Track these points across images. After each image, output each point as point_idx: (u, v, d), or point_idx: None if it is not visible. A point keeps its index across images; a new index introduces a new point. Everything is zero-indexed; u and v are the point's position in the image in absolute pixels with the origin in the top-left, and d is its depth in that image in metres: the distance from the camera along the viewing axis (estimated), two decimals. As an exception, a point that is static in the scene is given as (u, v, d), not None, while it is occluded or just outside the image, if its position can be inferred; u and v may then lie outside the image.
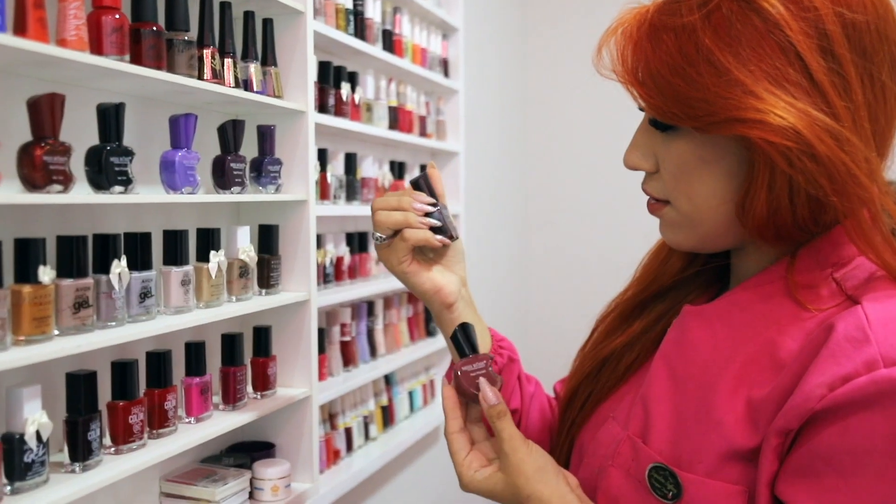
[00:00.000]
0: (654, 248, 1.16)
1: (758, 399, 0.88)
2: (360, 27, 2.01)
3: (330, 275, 1.91)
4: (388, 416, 2.24)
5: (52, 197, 1.03)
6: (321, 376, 1.85)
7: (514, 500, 1.00)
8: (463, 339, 1.04)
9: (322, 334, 1.88)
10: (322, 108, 1.82)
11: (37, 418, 1.04)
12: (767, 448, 0.85)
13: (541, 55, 3.79)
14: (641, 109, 0.97)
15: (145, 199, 1.20)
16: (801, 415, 0.82)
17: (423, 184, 1.14)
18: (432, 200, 1.13)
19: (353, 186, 2.00)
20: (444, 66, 2.59)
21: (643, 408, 1.00)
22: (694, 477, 0.90)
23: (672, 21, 0.87)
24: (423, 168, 2.40)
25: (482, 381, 1.01)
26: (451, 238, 1.12)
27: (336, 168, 1.95)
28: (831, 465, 0.81)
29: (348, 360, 2.00)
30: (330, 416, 1.95)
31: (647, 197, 1.00)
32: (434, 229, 1.11)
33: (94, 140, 1.16)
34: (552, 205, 3.89)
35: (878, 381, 0.78)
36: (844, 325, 0.83)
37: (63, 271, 1.10)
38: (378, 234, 1.13)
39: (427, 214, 1.12)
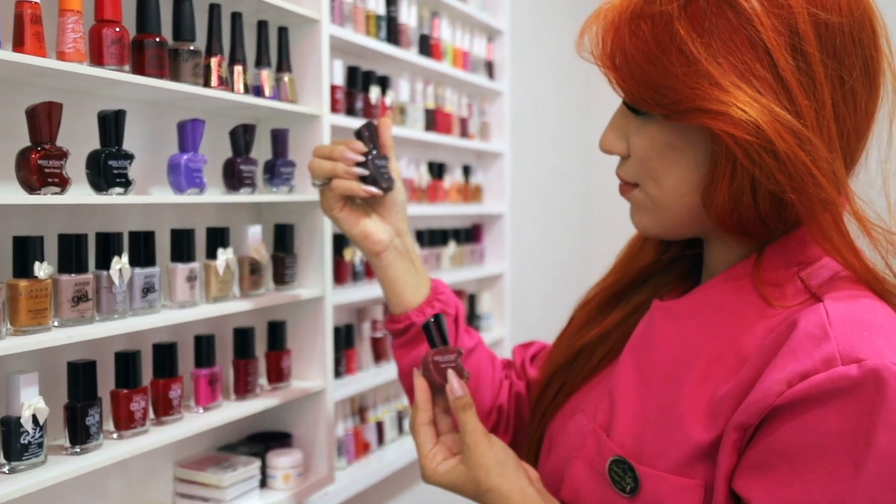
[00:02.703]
0: (632, 237, 1.18)
1: (719, 395, 0.89)
2: (393, 32, 2.06)
3: (360, 273, 1.97)
4: (424, 412, 2.29)
5: (47, 198, 1.11)
6: (349, 370, 1.92)
7: (475, 493, 1.03)
8: (435, 331, 1.09)
9: (350, 330, 1.95)
10: (350, 111, 1.88)
11: (33, 403, 1.12)
12: (727, 443, 0.86)
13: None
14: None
15: (138, 199, 1.27)
16: (760, 410, 0.83)
17: (364, 133, 1.21)
18: (363, 150, 1.20)
19: (385, 187, 2.06)
20: (489, 68, 2.63)
21: (609, 401, 1.02)
22: (652, 471, 0.92)
23: (651, 9, 0.89)
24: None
25: (450, 373, 1.05)
26: (382, 189, 1.18)
27: (367, 169, 2.01)
28: (786, 460, 0.82)
29: (380, 355, 2.06)
30: (360, 409, 2.01)
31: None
32: (365, 179, 1.18)
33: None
34: (617, 204, 3.86)
35: (834, 379, 0.80)
36: (806, 323, 0.84)
37: (64, 267, 1.18)
38: (313, 181, 1.25)
39: (360, 164, 1.19)
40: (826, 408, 0.80)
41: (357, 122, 1.86)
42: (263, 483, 1.56)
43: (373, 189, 1.19)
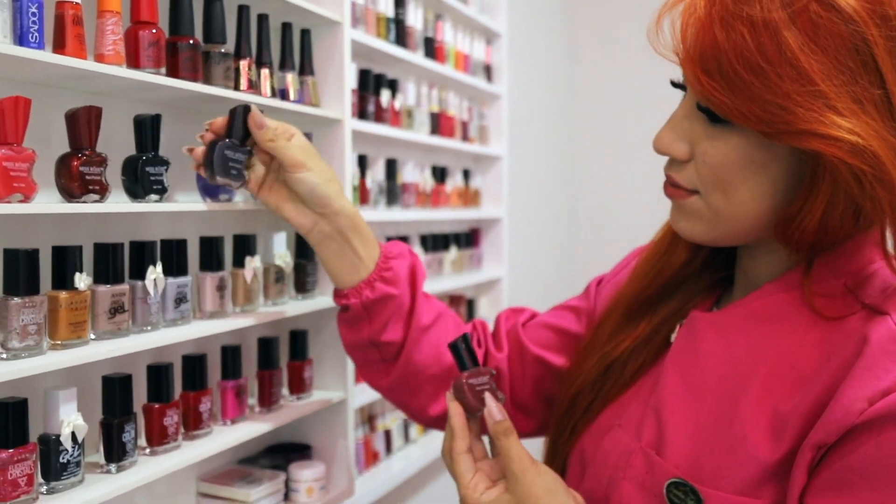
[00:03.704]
0: (653, 241, 1.13)
1: (784, 412, 0.86)
2: (401, 35, 2.03)
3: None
4: (428, 419, 2.26)
5: (88, 206, 1.06)
6: (358, 379, 1.88)
7: None
8: (465, 352, 1.03)
9: (361, 338, 1.91)
10: (362, 114, 1.85)
11: (72, 420, 1.07)
12: (801, 462, 0.83)
13: (590, 59, 3.78)
14: (675, 86, 0.93)
15: (178, 207, 1.23)
16: (840, 429, 0.80)
17: (235, 117, 1.20)
18: (217, 131, 1.20)
19: (393, 192, 2.03)
20: (488, 71, 2.61)
21: (656, 418, 0.98)
22: (717, 493, 0.88)
23: (750, 12, 0.81)
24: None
25: (487, 396, 0.99)
26: (215, 181, 1.17)
27: (376, 173, 1.98)
28: (866, 479, 0.80)
29: (388, 363, 2.02)
30: (369, 418, 1.98)
31: (666, 180, 0.96)
32: (211, 168, 1.17)
33: (134, 149, 1.20)
34: (600, 208, 3.87)
35: None
36: (878, 337, 0.82)
37: (100, 277, 1.14)
38: None
39: (211, 145, 1.18)
40: None
41: (368, 127, 1.82)
42: (286, 496, 1.52)
43: (220, 179, 1.18)
